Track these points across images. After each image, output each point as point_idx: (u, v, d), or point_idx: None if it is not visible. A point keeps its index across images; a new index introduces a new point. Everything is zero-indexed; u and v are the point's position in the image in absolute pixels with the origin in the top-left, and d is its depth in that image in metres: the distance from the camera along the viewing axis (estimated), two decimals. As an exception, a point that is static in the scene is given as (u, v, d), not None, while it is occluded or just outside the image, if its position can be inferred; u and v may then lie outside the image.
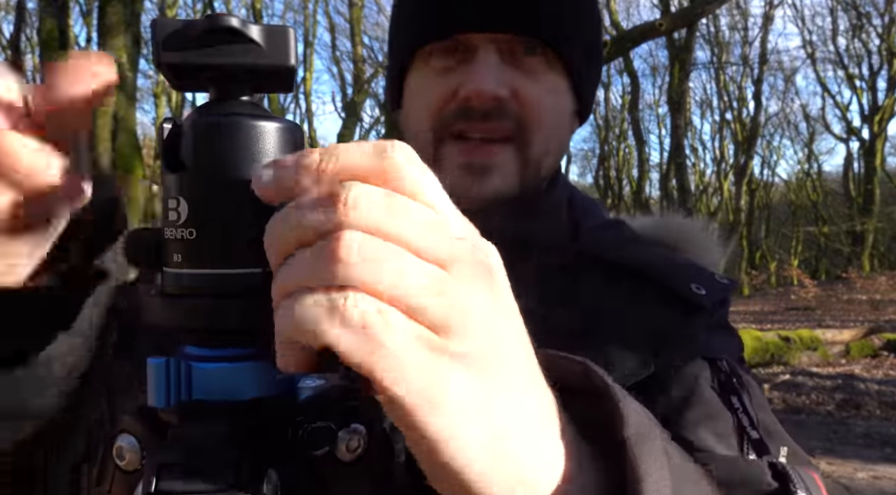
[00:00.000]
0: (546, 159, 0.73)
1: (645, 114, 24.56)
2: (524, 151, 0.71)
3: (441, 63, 0.72)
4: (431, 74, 0.72)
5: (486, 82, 0.68)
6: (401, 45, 0.75)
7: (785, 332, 8.05)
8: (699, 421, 0.63)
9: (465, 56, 0.71)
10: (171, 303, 0.34)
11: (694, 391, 0.65)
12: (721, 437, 0.62)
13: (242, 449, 0.33)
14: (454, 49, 0.71)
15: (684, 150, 14.20)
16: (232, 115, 0.34)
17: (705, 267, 0.77)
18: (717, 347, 0.70)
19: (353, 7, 16.02)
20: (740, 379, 0.67)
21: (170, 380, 0.34)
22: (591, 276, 0.74)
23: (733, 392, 0.66)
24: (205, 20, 0.33)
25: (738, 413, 0.64)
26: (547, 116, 0.72)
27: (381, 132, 13.94)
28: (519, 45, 0.70)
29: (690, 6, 7.49)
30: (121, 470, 0.36)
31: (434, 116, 0.71)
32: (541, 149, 0.72)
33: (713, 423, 0.63)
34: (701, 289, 0.71)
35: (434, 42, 0.72)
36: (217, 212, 0.33)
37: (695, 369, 0.67)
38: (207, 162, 0.33)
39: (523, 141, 0.71)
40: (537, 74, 0.71)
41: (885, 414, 5.83)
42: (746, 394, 0.66)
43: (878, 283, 15.11)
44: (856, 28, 21.13)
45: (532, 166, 0.72)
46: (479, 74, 0.68)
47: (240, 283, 0.33)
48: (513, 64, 0.71)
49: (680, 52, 14.23)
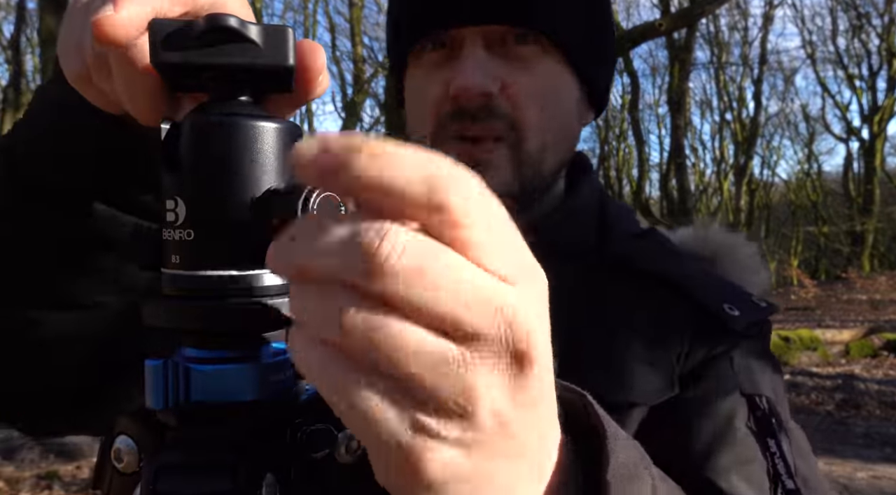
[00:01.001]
0: (546, 155, 0.71)
1: (645, 114, 24.57)
2: (518, 150, 0.69)
3: (433, 58, 0.70)
4: (424, 73, 0.71)
5: (471, 77, 0.66)
6: (395, 46, 0.74)
7: (785, 332, 8.05)
8: (731, 467, 0.59)
9: (453, 51, 0.69)
10: (168, 304, 0.34)
11: (727, 431, 0.61)
12: (753, 484, 0.58)
13: (241, 451, 0.32)
14: (443, 44, 0.70)
15: (684, 150, 14.21)
16: (231, 115, 0.33)
17: (743, 287, 0.73)
18: (758, 381, 0.65)
19: (353, 7, 16.02)
20: (779, 419, 0.63)
21: (167, 382, 0.34)
22: (619, 285, 0.71)
23: (771, 434, 0.61)
24: (204, 20, 0.33)
25: (774, 457, 0.59)
26: (541, 108, 0.69)
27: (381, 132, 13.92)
28: (510, 34, 0.68)
29: (690, 6, 7.49)
30: (119, 472, 0.36)
31: (433, 118, 0.70)
32: (537, 145, 0.69)
33: (746, 468, 0.59)
34: (734, 310, 0.67)
35: (424, 40, 0.70)
36: (216, 213, 0.33)
37: (731, 405, 0.63)
38: (206, 162, 0.33)
39: (516, 139, 0.69)
40: (530, 62, 0.69)
41: (884, 414, 5.83)
42: (785, 438, 0.61)
43: (877, 283, 15.11)
44: (855, 28, 21.12)
45: (529, 164, 0.70)
46: (464, 70, 0.66)
47: (238, 285, 0.33)
48: (503, 55, 0.68)
49: (680, 52, 14.23)
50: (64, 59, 0.42)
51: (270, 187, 0.33)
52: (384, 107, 5.83)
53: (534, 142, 0.69)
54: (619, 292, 0.70)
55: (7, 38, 14.13)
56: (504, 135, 0.68)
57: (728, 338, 0.67)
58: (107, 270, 0.54)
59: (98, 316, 0.57)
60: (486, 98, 0.67)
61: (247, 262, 0.33)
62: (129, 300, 0.58)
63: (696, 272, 0.72)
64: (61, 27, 0.42)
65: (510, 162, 0.69)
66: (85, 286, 0.54)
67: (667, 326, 0.68)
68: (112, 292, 0.56)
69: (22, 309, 0.55)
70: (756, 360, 0.68)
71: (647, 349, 0.65)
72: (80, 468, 4.26)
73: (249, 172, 0.33)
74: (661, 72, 22.31)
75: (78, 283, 0.54)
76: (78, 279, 0.53)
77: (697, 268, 0.74)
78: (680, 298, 0.68)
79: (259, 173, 0.33)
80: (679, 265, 0.73)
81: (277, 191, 0.33)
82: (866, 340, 8.36)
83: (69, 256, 0.52)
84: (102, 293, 0.56)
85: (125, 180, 0.49)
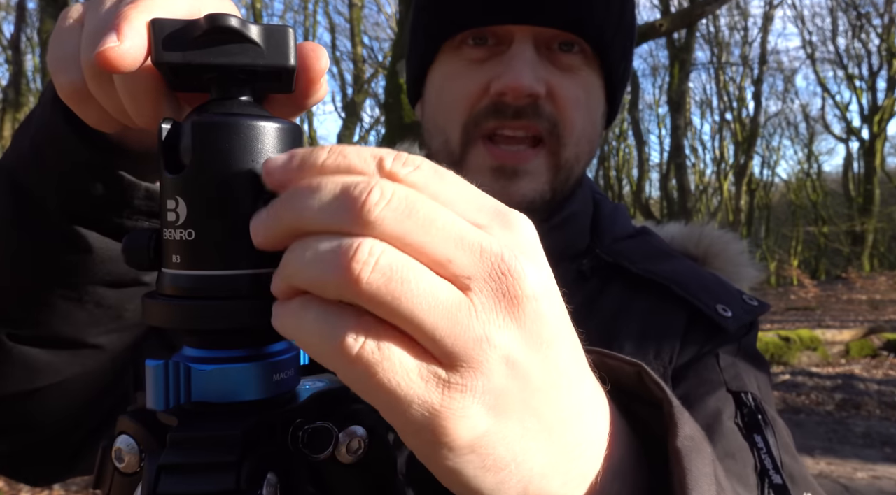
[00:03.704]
0: (577, 166, 0.70)
1: (645, 114, 24.62)
2: (556, 155, 0.67)
3: (473, 54, 0.67)
4: (462, 66, 0.68)
5: (523, 76, 0.63)
6: (428, 34, 0.70)
7: (785, 332, 8.04)
8: (720, 460, 0.59)
9: (498, 48, 0.67)
10: (169, 304, 0.34)
11: (714, 427, 0.61)
12: (740, 478, 0.57)
13: (242, 451, 0.32)
14: (485, 39, 0.67)
15: (684, 150, 14.19)
16: (231, 115, 0.33)
17: (733, 284, 0.73)
18: (743, 379, 0.66)
19: (353, 7, 16.01)
20: (766, 416, 0.63)
21: (168, 382, 0.34)
22: (612, 288, 0.71)
23: (757, 430, 0.61)
24: (204, 20, 0.33)
25: (760, 453, 0.59)
26: (580, 117, 0.68)
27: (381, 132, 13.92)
28: (557, 39, 0.66)
29: (690, 6, 7.49)
30: (120, 472, 0.36)
31: (465, 112, 0.67)
32: (572, 154, 0.68)
33: (733, 463, 0.58)
34: (727, 312, 0.67)
35: (468, 31, 0.67)
36: (217, 213, 0.33)
37: (718, 402, 0.63)
38: (207, 162, 0.33)
39: (556, 143, 0.67)
40: (574, 71, 0.67)
41: (884, 413, 5.82)
42: (771, 434, 0.61)
43: (877, 283, 15.11)
44: (855, 28, 21.12)
45: (563, 172, 0.69)
46: (514, 68, 0.64)
47: (240, 285, 0.33)
48: (549, 58, 0.67)
49: (680, 52, 14.22)
50: (58, 75, 0.40)
51: (271, 187, 0.33)
52: (384, 107, 5.82)
53: (571, 150, 0.68)
54: (611, 294, 0.70)
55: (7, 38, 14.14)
56: (545, 137, 0.67)
57: (717, 338, 0.67)
58: (108, 307, 0.53)
59: (96, 358, 0.56)
60: (532, 99, 0.65)
61: (247, 262, 0.33)
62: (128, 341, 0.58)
63: (688, 272, 0.73)
64: (50, 46, 0.41)
65: (548, 169, 0.68)
66: (83, 322, 0.53)
67: (659, 327, 0.68)
68: (112, 331, 0.55)
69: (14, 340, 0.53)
70: (742, 358, 0.68)
71: (640, 350, 0.66)
72: (80, 468, 4.25)
73: (250, 172, 0.33)
74: (661, 72, 22.35)
75: (75, 317, 0.53)
76: (75, 312, 0.52)
77: (689, 268, 0.74)
78: (672, 300, 0.68)
79: (259, 173, 0.33)
80: (672, 265, 0.73)
81: (278, 191, 0.33)
82: (866, 340, 8.35)
83: (67, 287, 0.51)
84: (100, 333, 0.55)
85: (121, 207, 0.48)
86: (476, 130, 0.67)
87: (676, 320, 0.68)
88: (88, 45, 0.37)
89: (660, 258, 0.75)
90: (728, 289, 0.72)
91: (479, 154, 0.68)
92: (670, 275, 0.70)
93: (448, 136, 0.69)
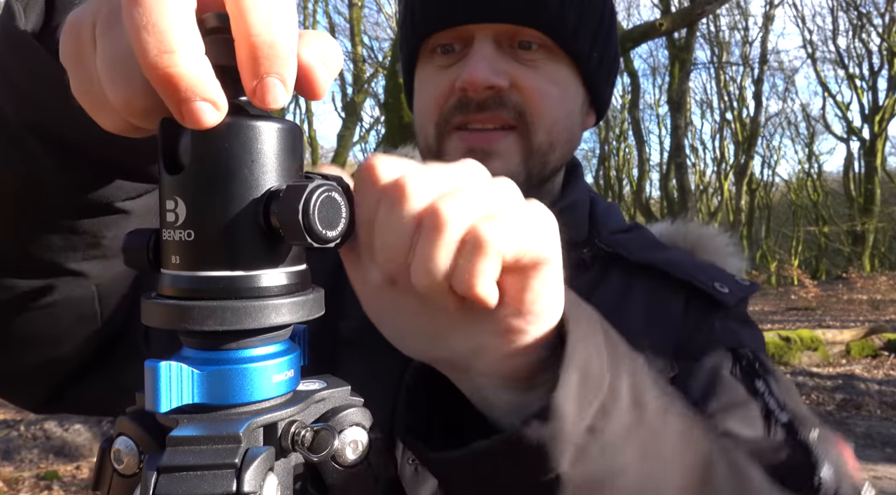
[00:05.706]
0: (552, 152, 0.72)
1: (645, 114, 24.60)
2: (528, 140, 0.70)
3: (441, 61, 0.72)
4: (433, 70, 0.73)
5: (478, 71, 0.67)
6: (407, 46, 0.76)
7: (785, 332, 8.04)
8: (724, 410, 0.62)
9: (463, 51, 0.71)
10: (168, 305, 0.33)
11: (715, 381, 0.64)
12: (747, 422, 0.60)
13: (241, 452, 0.32)
14: (453, 47, 0.72)
15: (684, 150, 14.19)
16: (231, 115, 0.33)
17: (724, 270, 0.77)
18: (739, 337, 0.70)
19: (353, 7, 16.00)
20: (764, 365, 0.66)
21: (168, 384, 0.34)
22: (612, 276, 0.74)
23: (757, 376, 0.64)
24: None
25: (763, 396, 0.62)
26: (551, 106, 0.71)
27: (381, 132, 13.92)
28: (518, 36, 0.70)
29: (690, 6, 7.48)
30: (119, 473, 0.36)
31: (436, 112, 0.71)
32: (545, 140, 0.71)
33: (739, 410, 0.61)
34: (724, 288, 0.71)
35: (435, 34, 0.71)
36: (216, 213, 0.33)
37: (715, 359, 0.66)
38: (206, 162, 0.33)
39: (526, 129, 0.70)
40: (538, 65, 0.70)
41: (885, 414, 5.82)
42: (773, 379, 0.64)
43: (878, 283, 15.12)
44: (856, 28, 21.12)
45: (537, 155, 0.71)
46: (471, 64, 0.68)
47: (239, 286, 0.33)
48: (512, 55, 0.70)
49: (680, 52, 14.22)
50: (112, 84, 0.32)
51: (271, 187, 0.33)
52: (384, 107, 5.83)
53: (542, 136, 0.71)
54: (612, 283, 0.74)
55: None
56: (514, 123, 0.70)
57: (720, 311, 0.71)
58: (83, 233, 0.53)
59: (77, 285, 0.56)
60: (493, 90, 0.68)
61: (247, 263, 0.33)
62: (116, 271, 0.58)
63: (683, 258, 0.77)
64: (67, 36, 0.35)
65: (519, 151, 0.71)
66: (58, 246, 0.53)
67: (661, 312, 0.71)
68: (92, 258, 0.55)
69: None
70: (737, 323, 0.72)
71: (644, 335, 0.67)
72: (79, 468, 4.26)
73: (250, 172, 0.33)
74: (661, 72, 22.36)
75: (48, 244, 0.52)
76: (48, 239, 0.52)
77: (684, 255, 0.79)
78: (669, 285, 0.72)
79: (259, 173, 0.33)
80: (667, 254, 0.77)
81: (278, 191, 0.33)
82: (867, 340, 8.35)
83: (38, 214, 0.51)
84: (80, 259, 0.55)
85: None
86: (447, 127, 0.71)
87: (675, 302, 0.72)
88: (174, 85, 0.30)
89: (655, 248, 0.79)
90: (721, 270, 0.76)
91: (452, 142, 0.72)
92: (666, 262, 0.74)
93: (426, 135, 0.74)
